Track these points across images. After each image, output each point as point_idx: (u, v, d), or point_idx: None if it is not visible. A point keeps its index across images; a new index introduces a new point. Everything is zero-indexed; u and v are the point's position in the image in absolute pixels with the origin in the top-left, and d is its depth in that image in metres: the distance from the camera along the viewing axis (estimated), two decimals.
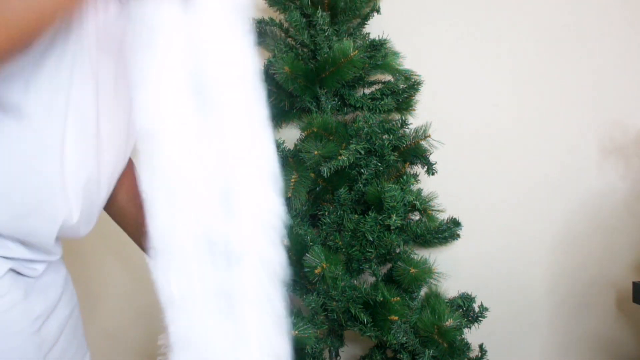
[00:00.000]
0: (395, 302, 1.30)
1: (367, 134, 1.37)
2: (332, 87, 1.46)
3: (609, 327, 1.74)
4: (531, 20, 1.70)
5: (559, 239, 1.73)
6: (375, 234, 1.33)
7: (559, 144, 1.71)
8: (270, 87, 1.51)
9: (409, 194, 1.34)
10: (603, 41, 1.70)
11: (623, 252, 1.73)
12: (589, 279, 1.73)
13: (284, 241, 0.80)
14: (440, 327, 1.31)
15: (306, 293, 1.37)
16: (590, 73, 1.71)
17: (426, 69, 1.58)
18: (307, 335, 1.29)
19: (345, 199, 1.39)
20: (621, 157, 1.71)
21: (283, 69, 1.39)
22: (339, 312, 1.35)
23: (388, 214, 1.30)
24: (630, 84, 1.71)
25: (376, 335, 1.32)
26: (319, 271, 1.28)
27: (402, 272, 1.35)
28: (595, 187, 1.72)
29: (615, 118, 1.71)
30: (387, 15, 1.61)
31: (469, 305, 1.48)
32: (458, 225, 1.57)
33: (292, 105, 1.54)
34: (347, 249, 1.37)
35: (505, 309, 1.71)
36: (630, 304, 1.73)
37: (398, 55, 1.56)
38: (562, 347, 1.75)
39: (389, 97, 1.50)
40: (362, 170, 1.40)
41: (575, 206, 1.72)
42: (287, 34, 1.54)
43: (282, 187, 1.26)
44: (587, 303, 1.74)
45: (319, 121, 1.40)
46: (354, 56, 1.37)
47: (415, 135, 1.41)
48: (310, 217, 1.47)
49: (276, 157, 0.74)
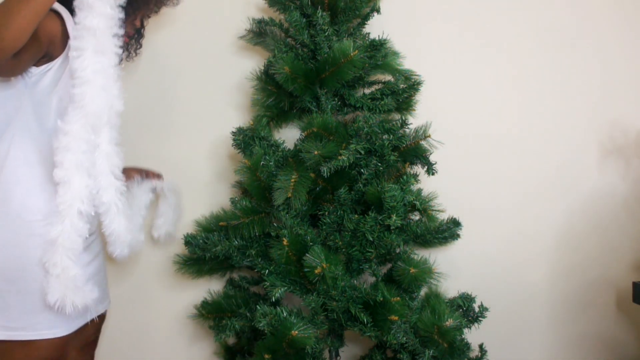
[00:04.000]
0: (395, 302, 1.30)
1: (367, 134, 1.37)
2: (332, 87, 1.46)
3: (609, 327, 1.74)
4: (531, 21, 1.70)
5: (559, 239, 1.73)
6: (375, 234, 1.33)
7: (559, 144, 1.71)
8: (270, 87, 1.51)
9: (409, 194, 1.34)
10: (603, 42, 1.70)
11: (623, 252, 1.73)
12: (589, 279, 1.73)
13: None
14: (440, 327, 1.31)
15: (306, 293, 1.37)
16: (590, 74, 1.71)
17: (426, 69, 1.58)
18: (307, 335, 1.29)
19: (345, 199, 1.39)
20: (621, 157, 1.71)
21: (283, 69, 1.39)
22: (339, 312, 1.35)
23: (388, 214, 1.30)
24: (630, 85, 1.71)
25: (376, 335, 1.31)
26: (319, 271, 1.28)
27: (402, 272, 1.34)
28: (596, 187, 1.72)
29: (615, 118, 1.71)
30: (387, 15, 1.61)
31: (469, 305, 1.47)
32: (458, 225, 1.57)
33: (292, 105, 1.54)
34: (347, 249, 1.37)
35: (505, 309, 1.71)
36: (630, 304, 1.73)
37: (398, 55, 1.56)
38: (562, 347, 1.75)
39: (389, 97, 1.50)
40: (362, 170, 1.40)
41: (576, 206, 1.72)
42: (287, 34, 1.54)
43: (282, 187, 1.29)
44: (587, 303, 1.74)
45: (319, 121, 1.40)
46: (354, 56, 1.37)
47: (415, 135, 1.40)
48: (310, 217, 1.47)
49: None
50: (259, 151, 1.42)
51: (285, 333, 1.29)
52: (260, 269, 1.41)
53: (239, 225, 1.44)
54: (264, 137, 1.47)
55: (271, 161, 1.41)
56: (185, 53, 1.71)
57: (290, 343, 1.30)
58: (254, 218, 1.44)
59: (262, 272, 1.41)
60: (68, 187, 1.13)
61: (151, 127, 1.70)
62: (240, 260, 1.45)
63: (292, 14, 1.45)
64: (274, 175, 1.38)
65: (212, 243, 1.45)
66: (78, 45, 1.11)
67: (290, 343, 1.30)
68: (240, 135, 1.47)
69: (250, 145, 1.46)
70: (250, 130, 1.48)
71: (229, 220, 1.46)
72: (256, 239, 1.47)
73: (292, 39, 1.52)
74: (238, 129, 1.48)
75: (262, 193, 1.41)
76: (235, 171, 1.43)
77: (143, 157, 1.65)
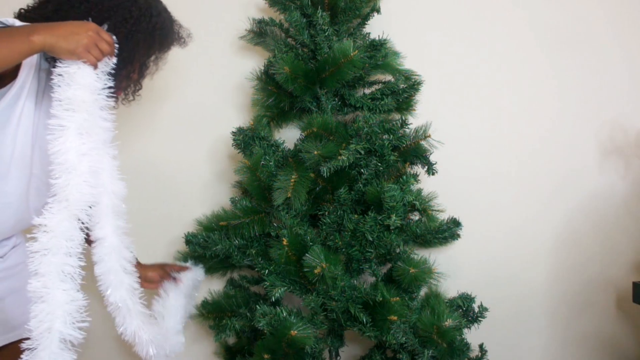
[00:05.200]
0: (395, 302, 1.30)
1: (367, 134, 1.37)
2: (332, 87, 1.46)
3: (608, 327, 1.74)
4: (531, 21, 1.70)
5: (559, 239, 1.73)
6: (375, 234, 1.33)
7: (559, 144, 1.71)
8: (271, 87, 1.51)
9: (408, 194, 1.34)
10: (603, 42, 1.70)
11: (623, 252, 1.73)
12: (589, 279, 1.73)
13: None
14: (439, 327, 1.31)
15: (306, 293, 1.37)
16: (590, 74, 1.71)
17: (426, 69, 1.58)
18: (307, 335, 1.29)
19: (345, 199, 1.39)
20: (621, 157, 1.71)
21: (283, 69, 1.39)
22: (339, 312, 1.35)
23: (388, 214, 1.30)
24: (630, 85, 1.71)
25: (376, 335, 1.31)
26: (318, 271, 1.28)
27: (402, 272, 1.34)
28: (596, 187, 1.72)
29: (615, 118, 1.71)
30: (387, 15, 1.61)
31: (469, 305, 1.48)
32: (458, 225, 1.57)
33: (292, 105, 1.54)
34: (347, 249, 1.37)
35: (505, 309, 1.71)
36: (630, 304, 1.73)
37: (398, 55, 1.56)
38: (562, 347, 1.75)
39: (389, 97, 1.50)
40: (362, 170, 1.40)
41: (576, 206, 1.72)
42: (287, 34, 1.54)
43: (282, 187, 1.28)
44: (587, 303, 1.74)
45: (319, 121, 1.40)
46: (354, 56, 1.37)
47: (415, 135, 1.40)
48: (310, 217, 1.47)
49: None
50: (259, 151, 1.42)
51: (285, 333, 1.29)
52: (260, 268, 1.41)
53: (239, 225, 1.44)
54: (264, 137, 1.47)
55: (271, 161, 1.42)
56: (185, 53, 1.71)
57: (290, 343, 1.30)
58: (254, 218, 1.44)
59: (262, 271, 1.41)
60: (47, 304, 0.90)
61: (151, 127, 1.70)
62: (240, 259, 1.45)
63: (292, 14, 1.45)
64: (274, 175, 1.38)
65: (212, 242, 1.45)
66: (57, 124, 0.93)
67: (290, 343, 1.30)
68: (240, 135, 1.47)
69: (250, 145, 1.46)
70: (250, 130, 1.48)
71: (229, 219, 1.46)
72: (256, 238, 1.47)
73: (292, 39, 1.52)
74: (238, 129, 1.48)
75: (262, 193, 1.41)
76: (235, 171, 1.43)
77: (143, 157, 1.66)
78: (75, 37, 0.90)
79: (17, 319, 1.17)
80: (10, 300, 1.17)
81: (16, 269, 1.19)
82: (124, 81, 1.09)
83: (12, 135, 0.98)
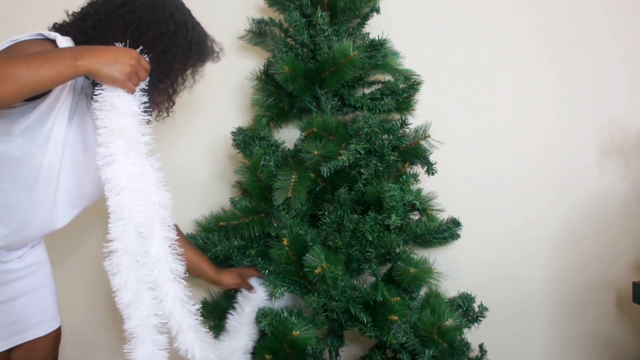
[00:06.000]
0: (395, 302, 1.30)
1: (367, 134, 1.37)
2: (332, 87, 1.46)
3: (608, 327, 1.74)
4: (531, 21, 1.70)
5: (559, 239, 1.73)
6: (375, 234, 1.33)
7: (559, 144, 1.71)
8: (270, 87, 1.51)
9: (408, 193, 1.34)
10: (603, 42, 1.70)
11: (623, 252, 1.73)
12: (589, 279, 1.73)
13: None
14: (440, 327, 1.31)
15: (306, 293, 1.37)
16: (590, 74, 1.71)
17: (426, 69, 1.58)
18: (308, 335, 1.29)
19: (345, 199, 1.39)
20: (621, 157, 1.71)
21: (283, 69, 1.39)
22: (339, 312, 1.35)
23: (388, 214, 1.30)
24: (630, 85, 1.71)
25: (376, 335, 1.31)
26: (319, 271, 1.28)
27: (402, 272, 1.34)
28: (596, 187, 1.72)
29: (615, 118, 1.71)
30: (387, 15, 1.61)
31: (469, 305, 1.48)
32: (458, 225, 1.57)
33: (291, 105, 1.54)
34: (347, 249, 1.37)
35: (505, 309, 1.71)
36: (630, 304, 1.73)
37: (398, 55, 1.56)
38: (562, 347, 1.75)
39: (388, 97, 1.50)
40: (362, 170, 1.40)
41: (576, 206, 1.72)
42: (287, 34, 1.54)
43: (282, 187, 1.27)
44: (587, 303, 1.74)
45: (319, 121, 1.40)
46: (353, 56, 1.37)
47: (415, 135, 1.40)
48: (310, 217, 1.47)
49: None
50: (258, 151, 1.42)
51: (287, 333, 1.29)
52: (260, 268, 1.41)
53: (239, 225, 1.44)
54: (264, 137, 1.47)
55: (271, 161, 1.41)
56: None
57: (291, 343, 1.30)
58: (253, 218, 1.44)
59: (262, 272, 1.41)
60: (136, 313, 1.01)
61: (151, 127, 1.70)
62: (240, 260, 1.45)
63: (291, 14, 1.45)
64: (274, 175, 1.38)
65: (212, 243, 1.45)
66: (106, 152, 0.99)
67: (291, 343, 1.30)
68: (240, 135, 1.47)
69: (250, 145, 1.46)
70: (250, 130, 1.48)
71: (229, 220, 1.46)
72: (256, 239, 1.47)
73: (292, 39, 1.52)
74: (238, 129, 1.48)
75: (262, 193, 1.41)
76: (235, 171, 1.43)
77: None
78: (118, 67, 0.94)
79: (31, 319, 1.18)
80: (25, 300, 1.17)
81: (32, 268, 1.20)
82: (160, 96, 1.13)
83: (42, 147, 1.01)
